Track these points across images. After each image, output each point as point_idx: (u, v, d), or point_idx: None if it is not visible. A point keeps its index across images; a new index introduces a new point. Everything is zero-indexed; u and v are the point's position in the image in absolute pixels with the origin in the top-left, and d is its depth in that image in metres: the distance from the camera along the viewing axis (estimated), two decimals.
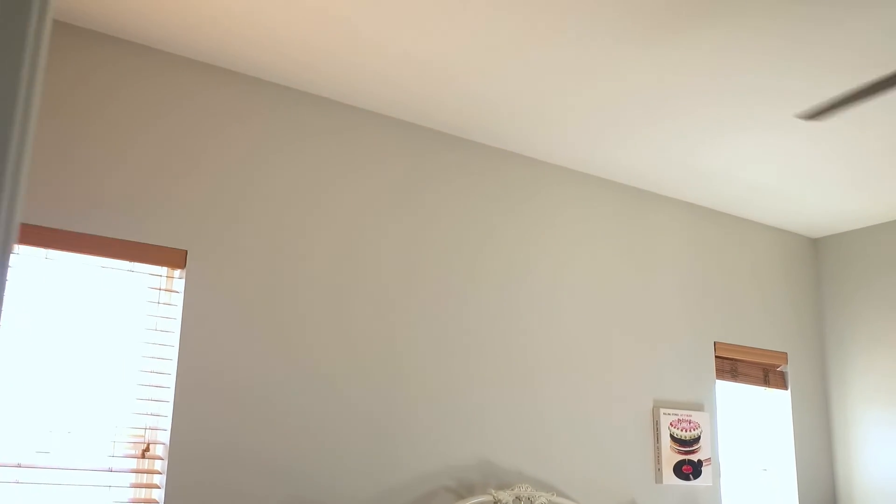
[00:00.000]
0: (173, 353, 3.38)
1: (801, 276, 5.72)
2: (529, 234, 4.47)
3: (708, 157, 4.52)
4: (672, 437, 4.71)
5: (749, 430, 5.33)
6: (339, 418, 3.68)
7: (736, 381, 5.21)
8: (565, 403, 4.38)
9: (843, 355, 5.54)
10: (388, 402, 3.82)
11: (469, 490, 3.95)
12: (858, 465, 5.34)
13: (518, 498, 3.95)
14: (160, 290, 3.45)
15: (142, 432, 3.32)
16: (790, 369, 5.45)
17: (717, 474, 4.89)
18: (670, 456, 4.68)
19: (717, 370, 5.09)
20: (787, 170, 4.68)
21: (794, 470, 5.28)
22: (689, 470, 4.73)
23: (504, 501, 3.88)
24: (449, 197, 4.23)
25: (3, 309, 0.98)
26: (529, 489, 3.98)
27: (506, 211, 4.42)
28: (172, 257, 3.44)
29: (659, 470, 4.63)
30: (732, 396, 5.25)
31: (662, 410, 4.71)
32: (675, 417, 4.76)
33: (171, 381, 3.35)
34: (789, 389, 5.42)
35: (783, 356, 5.44)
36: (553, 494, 4.08)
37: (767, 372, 5.38)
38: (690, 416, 4.82)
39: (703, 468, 4.78)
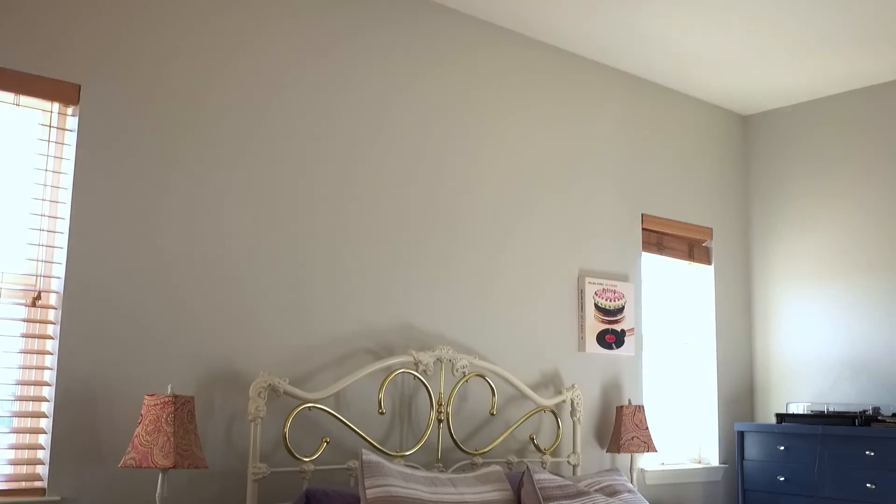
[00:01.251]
0: (66, 197, 3.10)
1: (731, 152, 5.65)
2: (457, 93, 4.24)
3: (645, 23, 4.33)
4: (596, 306, 4.64)
5: (672, 303, 5.31)
6: (251, 274, 3.46)
7: (661, 254, 5.15)
8: (489, 269, 4.24)
9: (768, 233, 5.53)
10: (305, 262, 3.62)
11: (389, 352, 3.81)
12: (776, 341, 5.39)
13: (439, 360, 3.83)
14: (51, 127, 3.14)
15: (32, 279, 3.05)
16: (715, 245, 5.42)
17: (639, 345, 4.86)
18: (594, 325, 4.61)
19: (644, 242, 5.02)
20: (722, 40, 4.53)
21: (714, 344, 5.30)
22: (612, 339, 4.68)
23: (424, 363, 3.75)
24: (370, 48, 3.95)
25: None
26: (451, 351, 3.86)
27: (433, 66, 4.17)
28: (64, 92, 3.11)
29: (582, 338, 4.57)
30: (657, 269, 5.20)
31: (588, 279, 4.62)
32: (600, 287, 4.68)
33: (64, 225, 3.08)
34: (713, 265, 5.40)
35: (708, 231, 5.39)
36: (475, 358, 3.97)
37: (692, 246, 5.33)
38: (615, 286, 4.75)
39: (625, 338, 4.74)
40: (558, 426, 4.27)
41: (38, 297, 3.04)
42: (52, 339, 3.04)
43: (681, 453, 5.17)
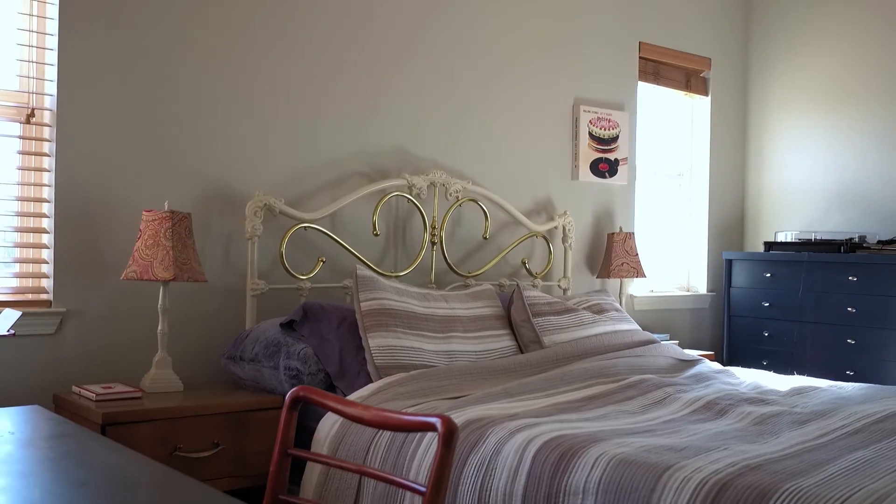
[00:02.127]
0: (54, 12, 3.04)
1: None
2: None
3: None
4: (591, 134, 4.65)
5: (667, 133, 5.31)
6: (247, 95, 3.45)
7: (658, 83, 5.11)
8: (485, 96, 4.22)
9: (766, 64, 5.47)
10: (301, 85, 3.59)
11: (383, 175, 3.84)
12: (768, 172, 5.43)
13: (433, 184, 3.87)
14: None
15: (25, 97, 3.05)
16: (712, 76, 5.37)
17: (632, 175, 4.90)
18: (588, 153, 4.64)
19: (640, 71, 4.96)
20: None
21: (707, 175, 5.34)
22: (605, 168, 4.72)
23: (418, 187, 3.80)
24: None
25: None
26: (445, 176, 3.90)
27: None
28: None
29: (576, 167, 4.60)
30: (653, 99, 5.17)
31: (583, 107, 4.61)
32: (595, 115, 4.67)
33: (53, 42, 3.04)
34: (710, 96, 5.37)
35: (707, 62, 5.33)
36: (469, 183, 4.02)
37: (690, 77, 5.28)
38: (610, 115, 4.74)
39: (619, 167, 4.78)
40: (550, 252, 4.37)
41: (32, 115, 3.04)
42: (49, 156, 3.06)
43: (669, 281, 5.31)
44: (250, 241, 3.34)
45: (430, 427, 1.61)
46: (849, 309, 4.51)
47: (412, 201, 3.81)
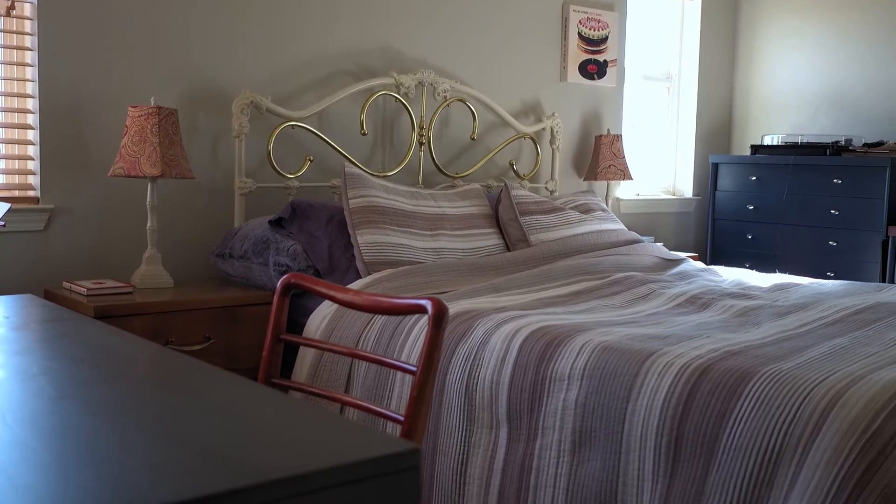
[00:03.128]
0: None
1: None
2: None
3: None
4: (580, 35, 4.59)
5: (656, 36, 5.25)
6: None
7: None
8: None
9: None
10: None
11: (370, 74, 3.81)
12: (757, 75, 5.40)
13: (420, 83, 3.84)
14: None
15: None
16: None
17: (621, 77, 4.87)
18: (576, 54, 4.59)
19: None
20: None
21: (696, 78, 5.31)
22: (594, 70, 4.68)
23: (406, 86, 3.77)
24: None
25: None
26: (433, 75, 3.87)
27: None
28: None
29: (564, 68, 4.56)
30: (644, 0, 5.10)
31: (572, 7, 4.54)
32: (585, 16, 4.61)
33: None
34: None
35: None
36: (457, 82, 3.98)
37: None
38: (600, 15, 4.67)
39: (608, 69, 4.74)
40: (537, 153, 4.37)
41: (12, 7, 2.98)
42: (31, 50, 3.01)
43: (656, 185, 5.33)
44: (237, 139, 3.32)
45: (421, 309, 1.65)
46: (832, 211, 4.56)
47: (400, 101, 3.79)
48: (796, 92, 5.21)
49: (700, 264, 3.70)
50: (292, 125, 3.47)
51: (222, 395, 1.25)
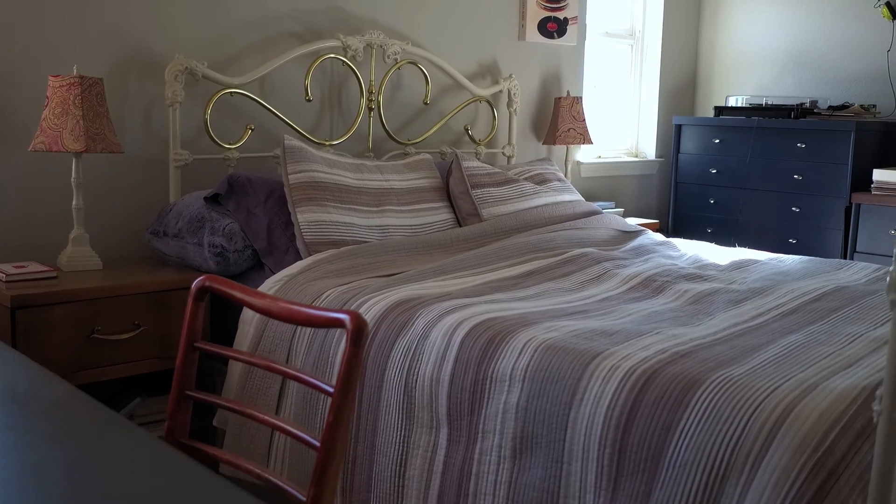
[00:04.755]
0: None
1: None
2: None
3: None
4: None
5: None
6: None
7: None
8: None
9: None
10: None
11: (316, 35, 3.60)
12: (722, 33, 5.24)
13: (369, 45, 3.64)
14: None
15: None
16: None
17: (582, 35, 4.69)
18: (535, 12, 4.40)
19: None
20: None
21: (660, 36, 5.14)
22: (553, 28, 4.49)
23: (354, 48, 3.57)
24: None
25: None
26: (382, 37, 3.67)
27: None
28: None
29: (522, 26, 4.37)
30: None
31: None
32: None
33: None
34: None
35: None
36: (408, 44, 3.79)
37: None
38: None
39: (568, 27, 4.55)
40: (494, 117, 4.20)
41: None
42: None
43: (618, 146, 5.19)
44: (171, 108, 3.12)
45: (339, 323, 1.51)
46: (795, 176, 4.45)
47: (347, 64, 3.60)
48: (762, 50, 5.07)
49: (658, 236, 3.58)
50: (231, 92, 3.28)
51: (121, 454, 1.11)
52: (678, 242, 3.49)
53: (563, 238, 3.22)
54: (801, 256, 3.25)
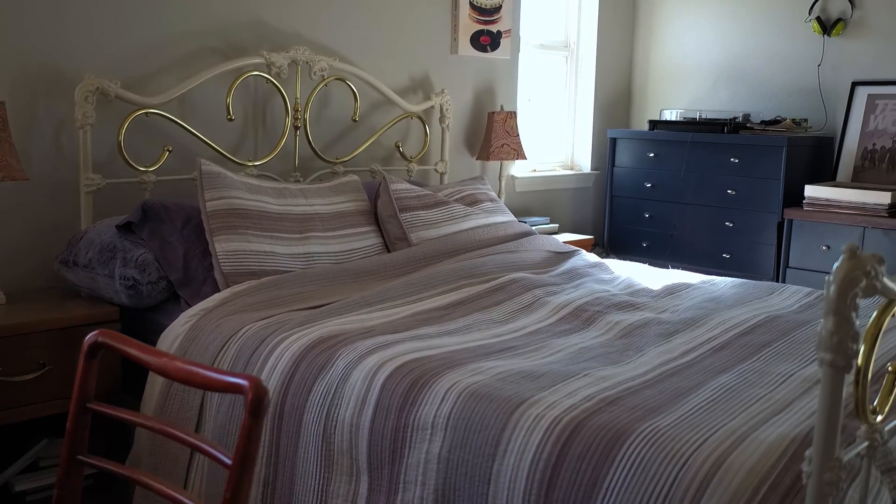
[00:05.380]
0: None
1: None
2: None
3: None
4: (471, 4, 4.31)
5: (553, 4, 5.01)
6: None
7: None
8: None
9: None
10: None
11: (239, 52, 3.46)
12: (657, 45, 5.22)
13: (294, 62, 3.52)
14: None
15: None
16: None
17: (516, 48, 4.62)
18: (468, 25, 4.31)
19: None
20: None
21: (595, 48, 5.10)
22: (486, 41, 4.42)
23: (278, 65, 3.44)
24: None
25: None
26: (308, 53, 3.55)
27: None
28: None
29: (455, 40, 4.28)
30: None
31: None
32: None
33: None
34: None
35: None
36: (335, 59, 3.67)
37: None
38: None
39: (501, 40, 4.48)
40: (426, 133, 4.11)
41: None
42: None
43: (553, 159, 5.14)
44: (81, 130, 2.96)
45: (237, 389, 1.39)
46: (728, 191, 4.44)
47: (272, 81, 3.47)
48: (696, 63, 5.06)
49: (591, 257, 3.52)
50: (146, 113, 3.13)
51: None
52: (612, 264, 3.43)
53: (494, 262, 3.14)
54: (733, 280, 3.21)
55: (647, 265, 3.55)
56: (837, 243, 4.02)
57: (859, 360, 1.44)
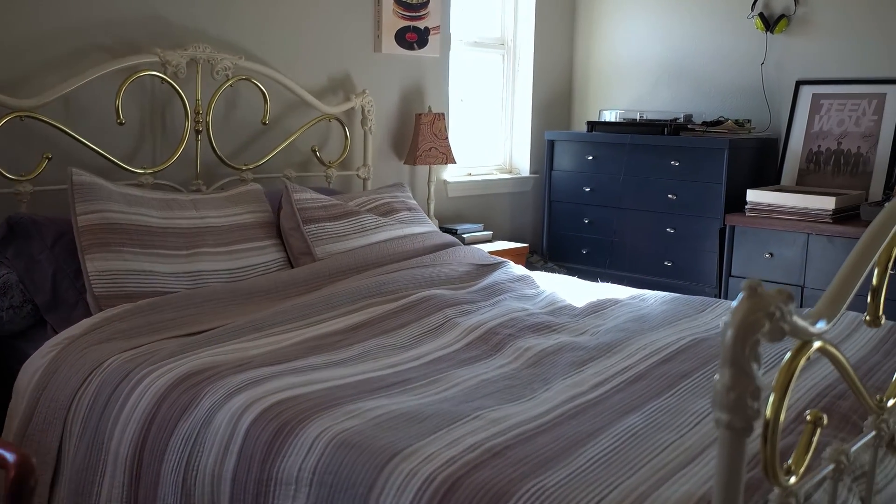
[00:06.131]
0: None
1: None
2: None
3: None
4: None
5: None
6: None
7: None
8: None
9: None
10: None
11: (133, 49, 3.17)
12: (598, 43, 5.00)
13: (194, 60, 3.24)
14: None
15: None
16: None
17: (445, 45, 4.37)
18: (392, 21, 4.05)
19: None
20: None
21: (532, 45, 4.86)
22: (413, 38, 4.16)
23: (174, 63, 3.16)
24: None
25: None
26: (209, 51, 3.27)
27: None
28: None
29: (378, 37, 4.02)
30: None
31: None
32: None
33: None
34: None
35: None
36: (241, 58, 3.39)
37: None
38: None
39: (430, 37, 4.22)
40: (347, 137, 3.84)
41: None
42: None
43: (490, 163, 4.90)
44: None
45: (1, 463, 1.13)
46: (669, 196, 4.23)
47: (168, 82, 3.18)
48: (638, 62, 4.84)
49: (518, 269, 3.28)
50: (21, 116, 2.83)
51: None
52: (537, 277, 3.19)
53: (406, 278, 2.88)
54: (664, 295, 2.98)
55: (576, 278, 3.32)
56: (781, 251, 3.82)
57: (768, 412, 1.21)
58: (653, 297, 2.93)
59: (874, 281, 1.56)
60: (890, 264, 1.54)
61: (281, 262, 2.93)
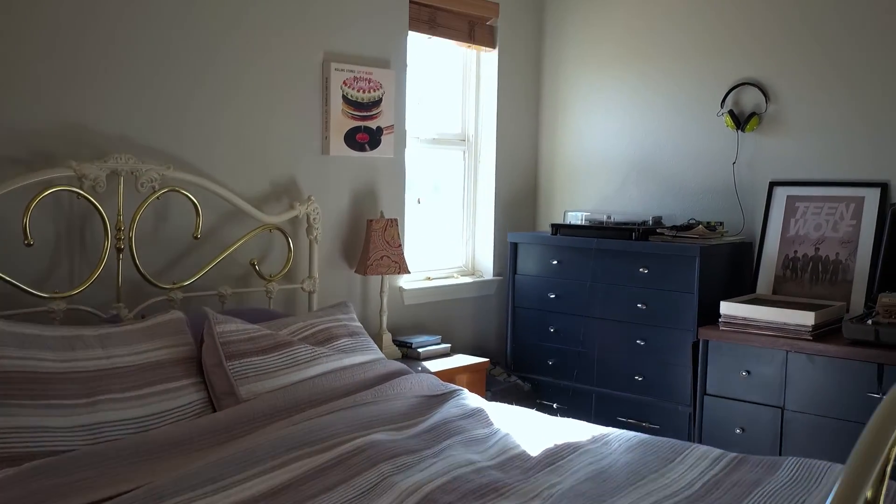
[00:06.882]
0: None
1: None
2: None
3: None
4: (345, 98, 3.82)
5: (446, 94, 4.56)
6: None
7: (434, 34, 4.31)
8: (204, 49, 3.31)
9: (564, 9, 4.78)
10: None
11: (47, 161, 2.90)
12: (563, 140, 4.79)
13: (115, 172, 2.96)
14: None
15: None
16: (501, 24, 4.63)
17: (400, 145, 4.13)
18: (341, 122, 3.81)
19: (411, 20, 4.15)
20: None
21: (494, 143, 4.64)
22: (364, 139, 3.91)
23: (92, 177, 2.88)
24: None
25: None
26: (132, 161, 3.00)
27: None
28: None
29: (326, 139, 3.77)
30: (428, 53, 4.40)
31: (334, 65, 3.76)
32: (351, 75, 3.84)
33: None
34: (497, 48, 4.63)
35: (494, 7, 4.58)
36: (169, 168, 3.12)
37: (473, 26, 4.51)
38: (371, 73, 3.91)
39: (382, 137, 3.98)
40: (289, 247, 3.56)
41: None
42: None
43: (451, 264, 4.63)
44: None
45: None
46: (639, 305, 3.96)
47: (85, 196, 2.90)
48: (604, 160, 4.62)
49: (472, 400, 2.97)
50: None
51: None
52: (492, 413, 2.88)
53: (343, 421, 2.56)
54: (630, 438, 2.66)
55: (534, 411, 3.01)
56: (759, 368, 3.54)
57: None
58: (617, 441, 2.62)
59: (868, 495, 1.28)
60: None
61: (202, 403, 2.61)
